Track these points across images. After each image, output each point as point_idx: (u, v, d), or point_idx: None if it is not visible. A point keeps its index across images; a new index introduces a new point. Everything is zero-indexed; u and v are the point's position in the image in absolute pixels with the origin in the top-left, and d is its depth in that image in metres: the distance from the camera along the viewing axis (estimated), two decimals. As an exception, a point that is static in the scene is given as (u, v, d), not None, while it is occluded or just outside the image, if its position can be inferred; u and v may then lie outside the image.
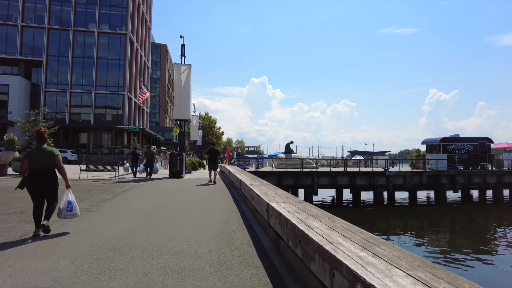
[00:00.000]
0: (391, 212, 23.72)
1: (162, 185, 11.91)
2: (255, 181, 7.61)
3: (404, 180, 25.87)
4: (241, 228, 5.27)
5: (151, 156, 15.73)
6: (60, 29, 42.30)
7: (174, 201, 8.07)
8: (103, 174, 16.69)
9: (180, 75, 17.58)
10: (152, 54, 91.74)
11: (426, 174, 26.13)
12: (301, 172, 24.19)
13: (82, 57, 43.59)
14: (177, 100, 17.61)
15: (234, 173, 10.58)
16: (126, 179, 14.85)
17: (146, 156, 15.89)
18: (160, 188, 10.93)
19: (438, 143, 28.93)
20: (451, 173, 26.60)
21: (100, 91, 43.85)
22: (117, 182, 13.17)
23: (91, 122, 43.32)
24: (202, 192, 9.92)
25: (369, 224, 19.18)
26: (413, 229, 18.40)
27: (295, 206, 4.06)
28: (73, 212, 5.05)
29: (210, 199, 8.38)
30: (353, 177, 24.79)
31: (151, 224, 5.52)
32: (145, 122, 55.79)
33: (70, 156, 35.90)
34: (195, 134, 42.73)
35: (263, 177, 23.62)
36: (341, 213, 22.65)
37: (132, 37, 46.33)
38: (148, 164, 15.68)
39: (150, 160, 15.62)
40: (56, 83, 42.50)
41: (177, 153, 15.96)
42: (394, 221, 21.29)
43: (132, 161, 16.78)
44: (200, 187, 11.52)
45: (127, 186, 11.59)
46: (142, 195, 9.14)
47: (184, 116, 17.48)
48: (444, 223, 20.94)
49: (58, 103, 42.78)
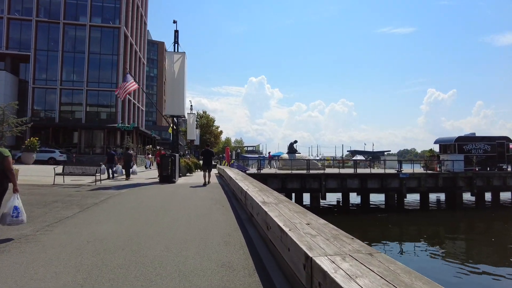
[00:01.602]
0: (403, 217, 21.67)
1: (147, 195, 9.76)
2: (267, 194, 5.49)
3: (419, 182, 23.82)
4: (253, 280, 3.16)
5: (129, 157, 15.27)
6: (49, 22, 40.00)
7: (155, 223, 5.93)
8: (85, 178, 14.56)
9: (173, 64, 15.43)
10: (149, 52, 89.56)
11: (442, 176, 24.08)
12: (307, 174, 22.08)
13: (73, 52, 41.33)
14: (169, 93, 15.45)
15: (236, 180, 8.45)
16: (108, 185, 12.68)
17: (124, 158, 15.55)
18: (143, 200, 8.78)
19: (453, 143, 26.88)
20: (469, 175, 24.56)
21: (92, 88, 41.62)
22: (95, 190, 11.01)
23: (83, 120, 41.08)
24: (196, 206, 7.77)
25: (379, 229, 17.00)
26: (430, 237, 16.32)
27: (375, 267, 1.97)
28: (19, 218, 4.73)
29: (205, 218, 6.23)
30: (363, 179, 22.71)
31: (108, 273, 3.39)
32: (140, 121, 53.54)
33: (58, 157, 33.76)
34: (192, 133, 40.59)
35: (265, 180, 21.54)
36: (349, 219, 20.62)
37: (126, 31, 44.09)
38: (126, 165, 15.23)
39: (127, 161, 15.17)
40: (45, 79, 40.24)
41: (168, 154, 13.80)
42: (408, 227, 19.22)
43: (108, 162, 16.11)
44: (193, 197, 9.38)
45: (103, 196, 9.44)
46: (116, 211, 6.99)
47: (178, 112, 15.33)
48: (466, 230, 18.91)
49: (47, 100, 40.52)
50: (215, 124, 65.13)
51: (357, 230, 16.86)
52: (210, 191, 10.60)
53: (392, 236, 16.62)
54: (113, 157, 16.19)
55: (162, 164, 13.70)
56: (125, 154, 15.82)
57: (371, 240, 15.18)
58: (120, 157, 16.31)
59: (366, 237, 15.51)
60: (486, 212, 23.76)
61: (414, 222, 20.36)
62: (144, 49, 56.84)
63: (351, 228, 16.22)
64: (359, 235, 12.52)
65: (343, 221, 18.99)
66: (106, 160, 16.41)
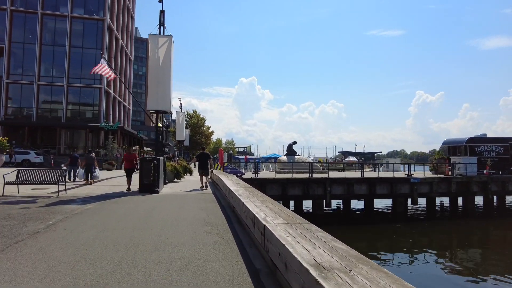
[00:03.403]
0: (417, 225, 19.53)
1: (117, 215, 7.24)
2: (312, 238, 3.05)
3: (430, 187, 21.81)
4: None
5: (91, 160, 14.60)
6: (26, 12, 36.85)
7: (117, 272, 3.48)
8: (49, 187, 11.89)
9: (158, 49, 12.91)
10: (138, 50, 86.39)
11: (455, 181, 22.10)
12: (311, 179, 19.77)
13: (52, 45, 38.29)
14: (152, 85, 12.93)
15: (238, 196, 6.05)
16: (72, 196, 10.08)
17: (86, 161, 14.61)
18: (108, 225, 6.28)
19: (464, 144, 25.01)
20: (483, 179, 22.67)
21: (73, 84, 38.63)
22: (52, 204, 8.44)
23: (63, 119, 38.01)
24: (182, 240, 5.31)
25: (388, 241, 14.51)
26: (454, 251, 14.12)
27: None
28: None
29: (196, 273, 3.77)
30: (372, 184, 20.54)
31: None
32: (127, 120, 50.56)
33: (33, 158, 30.82)
34: (181, 133, 37.92)
35: (264, 186, 19.05)
36: (352, 229, 18.09)
37: (111, 24, 41.19)
38: (87, 169, 14.52)
39: (89, 165, 14.51)
40: (21, 73, 37.09)
41: (150, 157, 11.24)
42: (419, 238, 17.04)
43: (70, 164, 15.59)
44: (179, 219, 6.92)
45: (57, 216, 6.90)
46: (54, 253, 4.47)
47: (163, 106, 12.80)
48: (484, 240, 16.85)
49: (23, 97, 37.38)
50: (205, 124, 62.39)
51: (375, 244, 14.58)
52: (202, 207, 8.14)
53: (402, 247, 14.36)
54: (76, 159, 15.62)
55: (143, 170, 11.16)
56: (86, 157, 14.98)
57: (393, 254, 12.89)
58: (83, 160, 15.26)
59: (393, 249, 13.24)
60: (500, 220, 21.85)
61: (425, 231, 18.22)
62: (131, 45, 53.87)
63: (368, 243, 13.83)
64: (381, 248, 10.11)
65: (344, 232, 16.74)
66: (69, 161, 15.81)
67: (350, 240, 14.41)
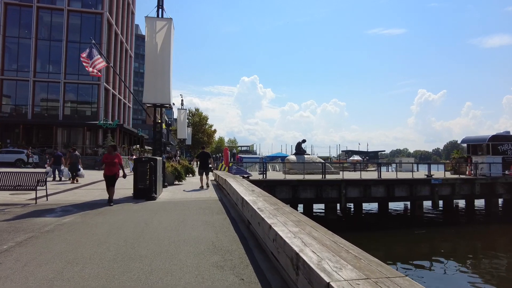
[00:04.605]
0: (436, 231, 17.75)
1: (100, 232, 5.62)
2: None
3: (452, 189, 20.11)
4: None
5: (76, 159, 14.41)
6: (21, 5, 35.28)
7: None
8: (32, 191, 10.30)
9: (155, 34, 11.27)
10: (139, 47, 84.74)
11: (478, 182, 20.38)
12: (324, 181, 18.09)
13: (49, 40, 36.74)
14: (149, 75, 11.29)
15: (256, 209, 4.46)
16: (50, 205, 8.47)
17: (71, 160, 14.38)
18: (86, 248, 4.67)
19: (486, 143, 23.24)
20: (510, 180, 20.94)
21: (70, 80, 37.08)
22: (23, 216, 6.84)
23: (60, 117, 36.47)
24: (185, 275, 3.69)
25: (406, 247, 12.65)
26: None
27: None
28: None
29: None
30: (390, 186, 18.85)
31: None
32: (127, 118, 49.03)
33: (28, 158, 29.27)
34: (183, 131, 36.33)
35: (273, 189, 17.33)
36: (372, 235, 16.02)
37: (110, 19, 39.62)
38: (72, 168, 14.36)
39: (74, 163, 14.32)
40: (15, 69, 35.57)
41: (145, 158, 9.60)
42: (452, 244, 15.35)
43: (54, 163, 15.30)
44: (180, 240, 5.29)
45: (24, 233, 5.32)
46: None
47: (161, 99, 11.16)
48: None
49: (18, 94, 35.87)
50: (208, 122, 60.70)
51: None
52: (208, 221, 6.50)
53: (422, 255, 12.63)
54: (60, 158, 15.27)
55: (138, 173, 9.54)
56: (71, 155, 14.59)
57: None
58: (67, 159, 14.93)
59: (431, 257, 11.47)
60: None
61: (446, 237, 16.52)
62: (131, 41, 52.29)
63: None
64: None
65: (380, 237, 15.04)
66: (52, 161, 15.53)
67: (378, 248, 12.65)
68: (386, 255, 12.98)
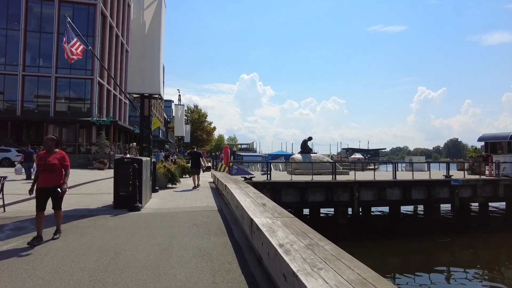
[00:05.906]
0: (459, 238, 15.99)
1: (47, 268, 3.86)
2: None
3: (474, 191, 18.41)
4: None
5: None
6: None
7: None
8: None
9: (143, 11, 9.49)
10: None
11: (502, 184, 18.68)
12: (335, 182, 16.35)
13: (39, 32, 34.79)
14: (134, 60, 9.50)
15: (274, 244, 2.72)
16: (7, 217, 6.71)
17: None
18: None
19: (507, 140, 21.47)
20: (535, 182, 19.20)
21: (62, 75, 35.15)
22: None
23: (51, 113, 34.57)
24: None
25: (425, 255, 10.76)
26: None
27: None
28: None
29: None
30: (407, 188, 17.12)
31: None
32: (123, 115, 47.16)
33: (15, 157, 27.62)
34: (181, 128, 34.58)
35: (279, 191, 15.47)
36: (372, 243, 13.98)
37: (105, 10, 37.71)
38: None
39: None
40: (3, 63, 33.66)
41: (129, 159, 7.84)
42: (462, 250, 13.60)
43: (25, 161, 15.07)
44: (164, 286, 3.49)
45: None
46: None
47: (150, 88, 9.37)
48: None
49: (6, 89, 33.97)
50: (207, 120, 58.88)
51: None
52: (204, 248, 4.74)
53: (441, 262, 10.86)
54: (31, 155, 14.87)
55: (119, 177, 7.78)
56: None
57: None
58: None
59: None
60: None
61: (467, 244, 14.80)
62: (127, 34, 50.30)
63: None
64: None
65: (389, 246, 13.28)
66: (23, 158, 15.26)
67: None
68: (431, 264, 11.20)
